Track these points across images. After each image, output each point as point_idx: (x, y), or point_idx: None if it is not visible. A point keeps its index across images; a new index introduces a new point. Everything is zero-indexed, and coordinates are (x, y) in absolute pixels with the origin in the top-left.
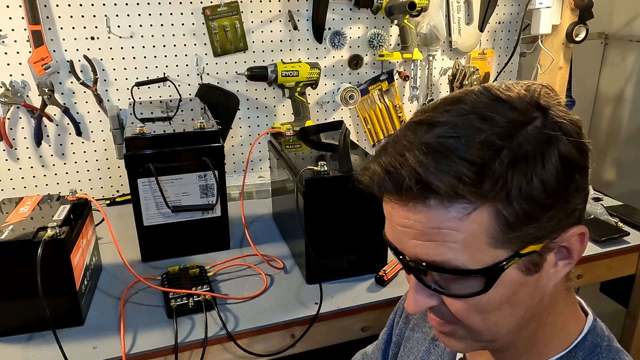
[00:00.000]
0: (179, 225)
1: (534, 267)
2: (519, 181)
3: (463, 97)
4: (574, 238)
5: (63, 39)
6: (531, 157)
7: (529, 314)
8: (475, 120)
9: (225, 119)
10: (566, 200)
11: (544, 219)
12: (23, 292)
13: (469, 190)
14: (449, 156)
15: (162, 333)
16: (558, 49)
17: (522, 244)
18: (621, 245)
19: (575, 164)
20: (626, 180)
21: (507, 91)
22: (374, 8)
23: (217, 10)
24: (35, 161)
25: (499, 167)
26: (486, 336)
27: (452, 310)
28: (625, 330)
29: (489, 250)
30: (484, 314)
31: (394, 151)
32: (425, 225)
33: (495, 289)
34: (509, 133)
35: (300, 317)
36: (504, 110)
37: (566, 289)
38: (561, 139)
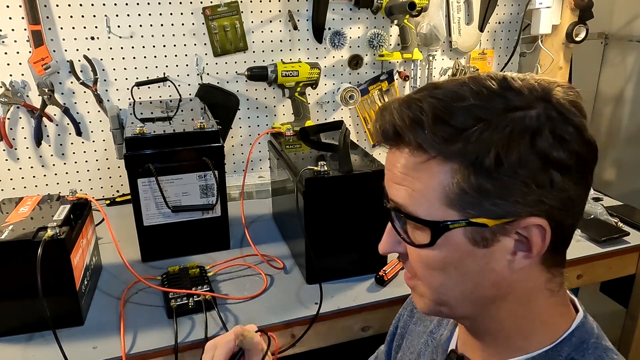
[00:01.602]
0: (179, 225)
1: (483, 240)
2: (482, 153)
3: (479, 75)
4: (534, 231)
5: (63, 39)
6: (504, 136)
7: (483, 293)
8: (468, 91)
9: (225, 119)
10: (528, 187)
11: (499, 196)
12: (23, 292)
13: (432, 145)
14: (425, 112)
15: (162, 333)
16: (558, 49)
17: (474, 213)
18: (621, 245)
19: (553, 161)
20: (626, 180)
21: (521, 80)
22: (374, 8)
23: (217, 10)
24: (35, 161)
25: (467, 134)
26: (436, 296)
27: (410, 261)
28: (625, 330)
29: (442, 207)
30: (432, 271)
31: (394, 103)
32: (399, 169)
33: (441, 247)
34: (492, 109)
35: (300, 317)
36: (504, 92)
37: (549, 290)
38: (544, 134)
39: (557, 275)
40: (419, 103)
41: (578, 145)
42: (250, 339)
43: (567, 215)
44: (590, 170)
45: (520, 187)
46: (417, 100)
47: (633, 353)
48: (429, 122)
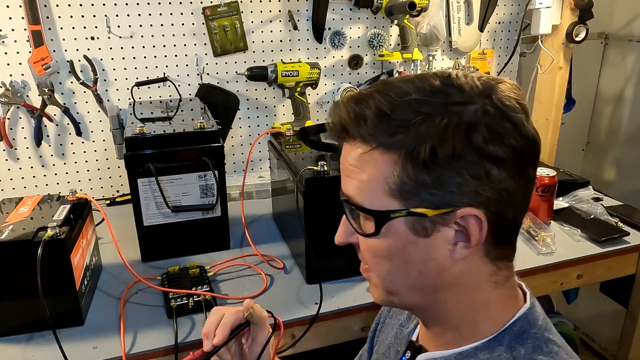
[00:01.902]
0: (179, 225)
1: (423, 230)
2: (418, 145)
3: (425, 73)
4: (471, 221)
5: (63, 39)
6: (440, 129)
7: (427, 281)
8: (412, 87)
9: (225, 119)
10: (464, 179)
11: (435, 187)
12: (23, 292)
13: (373, 137)
14: (369, 106)
15: (162, 333)
16: (558, 49)
17: (414, 203)
18: (621, 245)
19: (488, 154)
20: (626, 180)
21: (464, 78)
22: (374, 8)
23: (217, 10)
24: (35, 161)
25: (407, 126)
26: (385, 285)
27: (361, 250)
28: (625, 330)
29: (384, 197)
30: (379, 259)
31: (344, 100)
32: (348, 162)
33: (386, 236)
34: (433, 104)
35: (300, 317)
36: (446, 88)
37: (493, 282)
38: (480, 128)
39: (503, 268)
40: (365, 98)
41: (515, 140)
42: (259, 314)
43: (507, 207)
44: (530, 164)
45: (456, 179)
46: (364, 95)
47: (633, 353)
48: (372, 115)
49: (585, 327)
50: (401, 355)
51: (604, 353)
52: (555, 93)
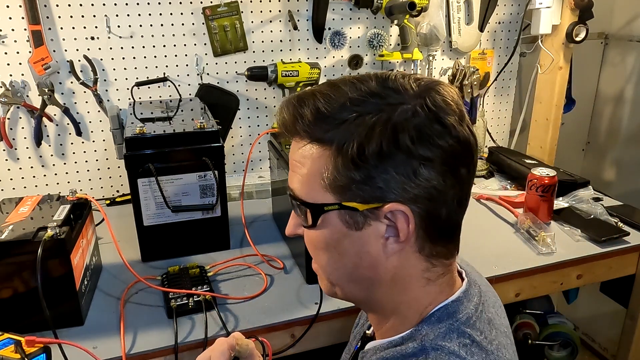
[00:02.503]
0: (179, 225)
1: (355, 224)
2: (348, 142)
3: (365, 74)
4: (399, 217)
5: (63, 39)
6: (367, 128)
7: (362, 274)
8: (350, 87)
9: (225, 119)
10: (390, 175)
11: (364, 182)
12: (23, 292)
13: (309, 132)
14: (308, 104)
15: (162, 333)
16: (558, 49)
17: (345, 197)
18: (621, 245)
19: (415, 154)
20: (626, 180)
21: (402, 79)
22: (374, 8)
23: (217, 10)
24: (35, 161)
25: (339, 124)
26: (326, 276)
27: (305, 242)
28: (625, 330)
29: (321, 191)
30: (318, 250)
31: (290, 98)
32: (292, 157)
33: (322, 229)
34: (367, 103)
35: (300, 317)
36: (382, 89)
37: (425, 278)
38: (407, 128)
39: (438, 266)
40: (306, 97)
41: (443, 141)
42: (245, 348)
43: (438, 205)
44: (463, 164)
45: (383, 175)
46: (306, 94)
47: (633, 353)
48: (309, 113)
49: (585, 327)
50: (354, 346)
51: (604, 353)
52: (555, 93)
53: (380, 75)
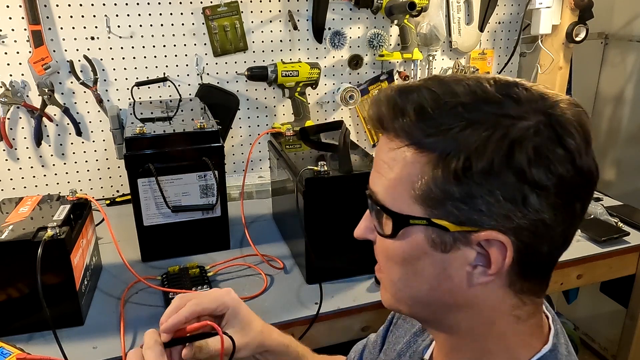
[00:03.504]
0: (179, 225)
1: (442, 244)
2: (453, 153)
3: (482, 76)
4: (494, 247)
5: (63, 39)
6: (480, 140)
7: (437, 297)
8: (463, 89)
9: (225, 119)
10: (496, 199)
11: (462, 201)
12: (23, 292)
13: (407, 133)
14: (412, 100)
15: None
16: (558, 49)
17: (437, 214)
18: (621, 245)
19: (529, 179)
20: (626, 180)
21: (526, 89)
22: (374, 8)
23: (217, 10)
24: (35, 161)
25: (446, 130)
26: (394, 291)
27: (376, 249)
28: (625, 330)
29: (409, 201)
30: (392, 263)
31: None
32: (379, 156)
33: (401, 241)
34: (481, 111)
35: (300, 317)
36: (500, 97)
37: (514, 316)
38: (525, 148)
39: (529, 304)
40: (410, 91)
41: (564, 169)
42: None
43: (541, 241)
44: (579, 199)
45: (487, 197)
46: (410, 88)
47: (633, 353)
48: (411, 111)
49: (585, 327)
50: None
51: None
52: None
53: (500, 80)
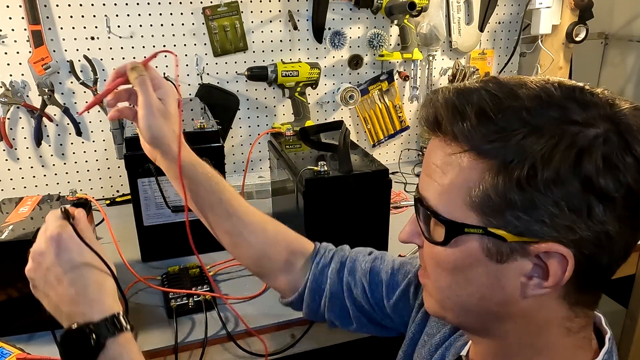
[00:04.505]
0: (179, 225)
1: (498, 254)
2: (517, 160)
3: (548, 79)
4: (553, 259)
5: (63, 39)
6: (547, 147)
7: (488, 308)
8: (526, 92)
9: (225, 119)
10: (560, 210)
11: (524, 211)
12: (23, 292)
13: (467, 137)
14: (472, 103)
15: (162, 333)
16: (558, 49)
17: (494, 223)
18: None
19: (596, 188)
20: None
21: (591, 94)
22: (374, 8)
23: (217, 10)
24: (35, 161)
25: (508, 135)
26: (441, 298)
27: (424, 255)
28: (625, 330)
29: (463, 207)
30: (441, 271)
31: (447, 88)
32: (432, 159)
33: (453, 248)
34: (545, 116)
35: (300, 317)
36: (566, 102)
37: (566, 328)
38: (594, 156)
39: (581, 316)
40: (470, 93)
41: (632, 179)
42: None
43: (602, 253)
44: None
45: (550, 207)
46: (469, 89)
47: (633, 353)
48: (472, 114)
49: None
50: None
51: None
52: None
53: (565, 84)
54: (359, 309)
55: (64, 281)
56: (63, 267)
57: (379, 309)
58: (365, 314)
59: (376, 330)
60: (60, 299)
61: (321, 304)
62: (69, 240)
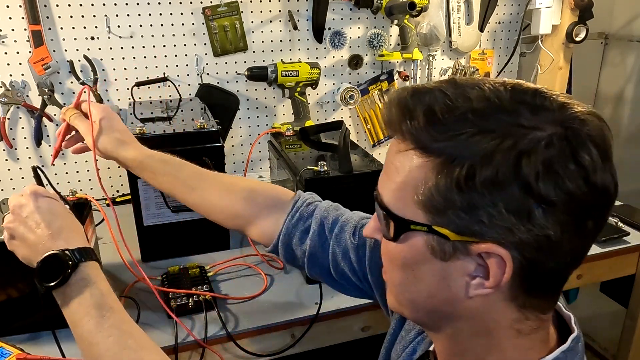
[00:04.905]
0: (179, 225)
1: (441, 252)
2: (458, 160)
3: (501, 81)
4: (493, 260)
5: (63, 39)
6: (487, 149)
7: (436, 306)
8: (477, 94)
9: (225, 119)
10: (498, 211)
11: (463, 210)
12: (23, 292)
13: (414, 136)
14: (423, 103)
15: (162, 333)
16: (558, 49)
17: (438, 221)
18: (621, 245)
19: (535, 192)
20: (626, 180)
21: (544, 98)
22: (374, 8)
23: (217, 10)
24: (35, 161)
25: (453, 135)
26: (396, 294)
27: (381, 249)
28: (625, 330)
29: (412, 205)
30: (394, 267)
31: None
32: (388, 157)
33: (402, 245)
34: (492, 119)
35: (300, 317)
36: (515, 105)
37: (516, 329)
38: (534, 160)
39: (532, 319)
40: (424, 93)
41: (574, 185)
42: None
43: (546, 257)
44: (591, 217)
45: (489, 208)
46: (425, 90)
47: (633, 353)
48: (421, 114)
49: (585, 327)
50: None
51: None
52: None
53: (518, 86)
54: (343, 276)
55: (42, 224)
56: (41, 213)
57: (365, 280)
58: (348, 281)
59: (355, 292)
60: (39, 239)
61: (296, 257)
62: (44, 193)
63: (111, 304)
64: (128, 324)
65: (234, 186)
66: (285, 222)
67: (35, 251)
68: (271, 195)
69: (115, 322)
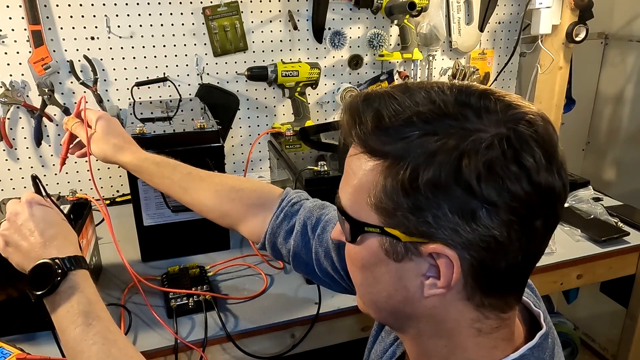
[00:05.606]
0: (179, 225)
1: (394, 253)
2: (402, 162)
3: (446, 84)
4: (442, 259)
5: (63, 39)
6: (429, 151)
7: (395, 306)
8: (423, 97)
9: (225, 119)
10: (442, 212)
11: (410, 212)
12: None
13: (362, 140)
14: (372, 108)
15: (162, 333)
16: (558, 49)
17: (390, 222)
18: (621, 245)
19: (477, 194)
20: (626, 180)
21: (490, 100)
22: (374, 8)
23: (217, 10)
24: (35, 161)
25: (399, 138)
26: (360, 294)
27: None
28: (625, 330)
29: (366, 208)
30: (353, 267)
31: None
32: (346, 162)
33: (359, 247)
34: (437, 122)
35: (300, 317)
36: (460, 107)
37: (475, 328)
38: (475, 162)
39: (492, 318)
40: (374, 98)
41: (517, 187)
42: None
43: (496, 257)
44: (538, 216)
45: (434, 210)
46: (375, 94)
47: (633, 353)
48: (369, 118)
49: (585, 327)
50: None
51: (604, 353)
52: (555, 93)
53: (464, 89)
54: (327, 275)
55: (36, 232)
56: (35, 221)
57: (348, 279)
58: (332, 279)
59: (339, 289)
60: (32, 247)
61: (282, 255)
62: (40, 201)
63: (98, 312)
64: (113, 333)
65: (222, 186)
66: (270, 222)
67: (27, 258)
68: (258, 194)
69: (101, 330)
